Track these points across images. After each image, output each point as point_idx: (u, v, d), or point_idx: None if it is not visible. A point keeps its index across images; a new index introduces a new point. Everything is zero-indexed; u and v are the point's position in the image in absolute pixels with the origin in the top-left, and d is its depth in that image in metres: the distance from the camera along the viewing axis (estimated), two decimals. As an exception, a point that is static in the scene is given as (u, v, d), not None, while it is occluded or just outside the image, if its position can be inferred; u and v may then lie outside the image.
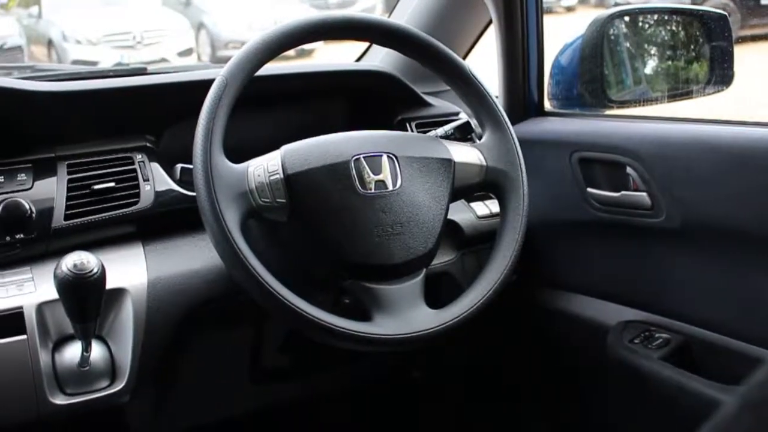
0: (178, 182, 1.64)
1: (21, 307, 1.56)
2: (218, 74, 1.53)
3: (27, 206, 1.60)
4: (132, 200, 1.70)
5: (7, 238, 1.60)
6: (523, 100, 2.06)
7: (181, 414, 1.94)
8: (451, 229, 1.89)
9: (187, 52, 10.11)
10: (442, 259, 1.87)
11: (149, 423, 1.85)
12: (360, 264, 1.53)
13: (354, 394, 2.36)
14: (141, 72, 2.06)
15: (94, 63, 8.68)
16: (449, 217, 1.64)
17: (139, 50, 9.72)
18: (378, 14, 2.21)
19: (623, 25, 2.10)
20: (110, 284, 1.47)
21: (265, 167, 1.52)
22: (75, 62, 9.13)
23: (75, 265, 1.39)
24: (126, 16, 10.16)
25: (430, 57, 1.69)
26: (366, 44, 2.34)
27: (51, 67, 2.70)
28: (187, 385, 1.88)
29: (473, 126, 1.81)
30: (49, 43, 10.15)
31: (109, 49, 9.71)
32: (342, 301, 1.65)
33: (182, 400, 1.90)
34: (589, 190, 1.86)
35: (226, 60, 1.62)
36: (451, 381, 2.43)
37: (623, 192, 1.79)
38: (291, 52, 1.62)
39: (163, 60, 9.28)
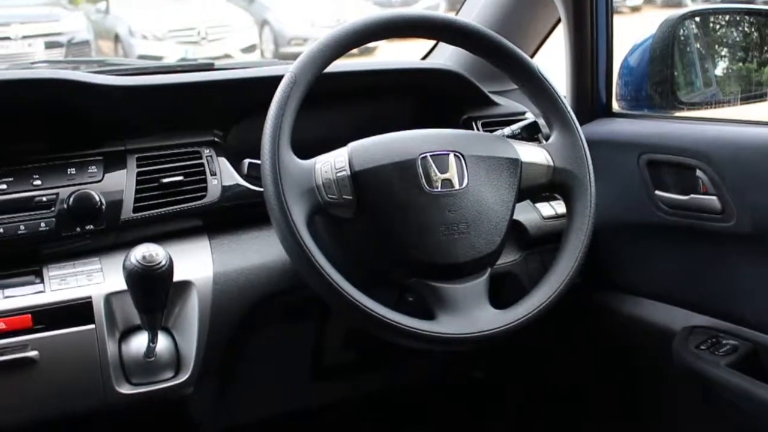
0: (245, 177, 1.65)
1: (90, 297, 1.59)
2: (287, 71, 1.54)
3: (97, 198, 1.63)
4: (199, 194, 1.72)
5: (78, 229, 1.62)
6: (591, 100, 2.03)
7: (242, 407, 1.96)
8: (515, 229, 1.88)
9: (250, 49, 10.18)
10: (506, 259, 1.86)
11: (211, 415, 1.87)
12: (425, 262, 1.52)
13: (413, 392, 2.35)
14: (208, 68, 2.08)
15: (159, 58, 8.77)
16: (514, 217, 1.63)
17: (204, 46, 9.82)
18: (442, 12, 2.21)
19: (694, 26, 2.06)
20: (177, 277, 1.49)
21: (332, 164, 1.52)
22: (140, 57, 9.23)
23: (144, 257, 1.41)
24: (191, 12, 10.27)
25: (500, 56, 1.68)
26: (432, 42, 2.33)
27: (121, 61, 2.74)
28: (249, 379, 1.89)
29: (540, 126, 1.80)
30: (116, 38, 10.30)
31: (174, 44, 9.82)
32: (405, 299, 1.64)
33: (243, 393, 1.92)
34: (657, 192, 1.83)
35: (289, 57, 1.63)
36: (511, 381, 2.42)
37: (692, 195, 1.76)
38: (354, 50, 1.62)
39: (227, 56, 9.35)
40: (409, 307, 1.55)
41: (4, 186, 1.61)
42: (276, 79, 1.54)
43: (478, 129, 1.99)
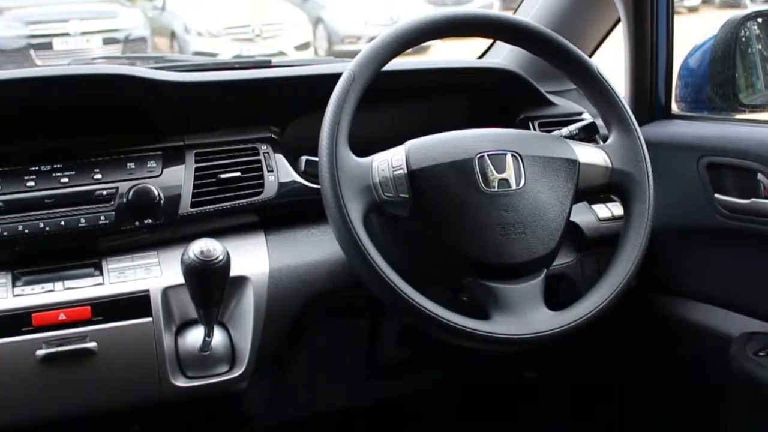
0: (302, 174, 1.66)
1: (147, 291, 1.61)
2: (345, 68, 1.54)
3: (156, 192, 1.65)
4: (256, 190, 1.73)
5: (136, 223, 1.65)
6: (649, 101, 2.01)
7: (294, 403, 1.97)
8: (571, 230, 1.86)
9: (304, 46, 10.24)
10: (562, 260, 1.85)
11: (263, 410, 1.88)
12: (480, 262, 1.52)
13: (463, 391, 2.35)
14: (266, 65, 2.10)
15: (214, 55, 8.85)
16: (570, 218, 1.62)
17: (258, 43, 9.89)
18: (497, 11, 2.21)
19: (756, 27, 2.03)
20: (233, 272, 1.51)
21: (389, 162, 1.52)
22: (196, 54, 9.34)
23: (202, 252, 1.42)
24: (246, 10, 10.34)
25: (558, 55, 1.67)
26: (488, 41, 2.33)
27: (179, 57, 2.78)
28: (302, 375, 1.90)
29: (598, 127, 1.78)
30: (172, 35, 10.42)
31: (229, 41, 9.90)
32: (460, 298, 1.64)
33: (296, 389, 1.93)
34: (717, 196, 1.81)
35: (342, 54, 1.64)
36: (562, 382, 2.40)
37: (753, 199, 1.73)
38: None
39: (281, 53, 9.39)
40: (463, 307, 1.55)
41: (66, 179, 1.64)
42: (334, 77, 1.55)
43: (534, 129, 1.97)
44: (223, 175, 1.71)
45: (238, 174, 1.72)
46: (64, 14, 9.75)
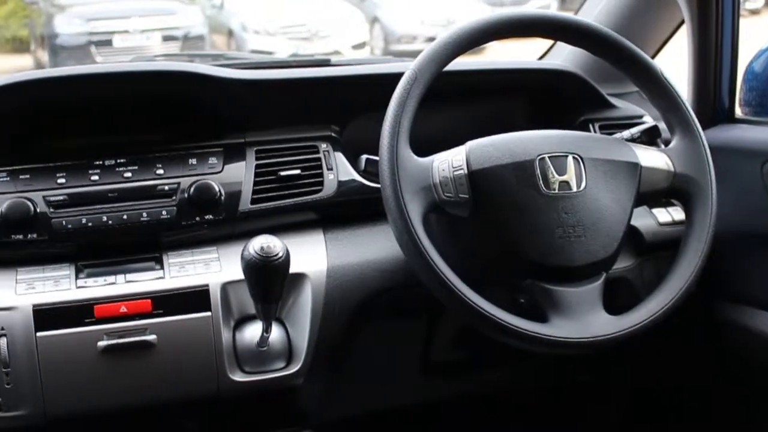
0: (362, 173, 1.67)
1: (207, 285, 1.62)
2: (406, 68, 1.55)
3: (217, 189, 1.67)
4: (316, 188, 1.74)
5: (197, 218, 1.67)
6: (713, 105, 1.98)
7: (349, 400, 1.97)
8: (631, 234, 1.85)
9: (360, 46, 10.26)
10: (621, 264, 1.83)
11: (318, 406, 1.89)
12: (539, 264, 1.51)
13: (517, 393, 2.34)
14: (325, 63, 2.11)
15: (271, 53, 8.93)
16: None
17: (314, 42, 9.94)
18: (554, 12, 2.20)
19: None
20: (292, 269, 1.51)
21: (449, 162, 1.53)
22: (253, 52, 9.39)
23: (262, 248, 1.44)
24: (303, 9, 10.40)
25: (621, 57, 1.65)
26: (547, 42, 2.31)
27: (239, 55, 2.80)
28: (358, 373, 1.91)
29: (661, 130, 1.76)
30: (229, 33, 10.52)
31: (285, 39, 9.96)
32: (517, 300, 1.63)
33: (351, 386, 1.93)
34: None
35: (399, 54, 1.64)
36: (617, 388, 2.38)
37: (818, 206, 1.71)
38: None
39: (337, 53, 9.42)
40: (521, 309, 1.54)
41: (129, 174, 1.67)
42: (395, 76, 1.56)
43: (595, 131, 1.96)
44: (283, 173, 1.73)
45: (298, 172, 1.74)
46: (124, 11, 9.89)
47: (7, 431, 1.61)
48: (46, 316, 1.56)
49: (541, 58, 2.35)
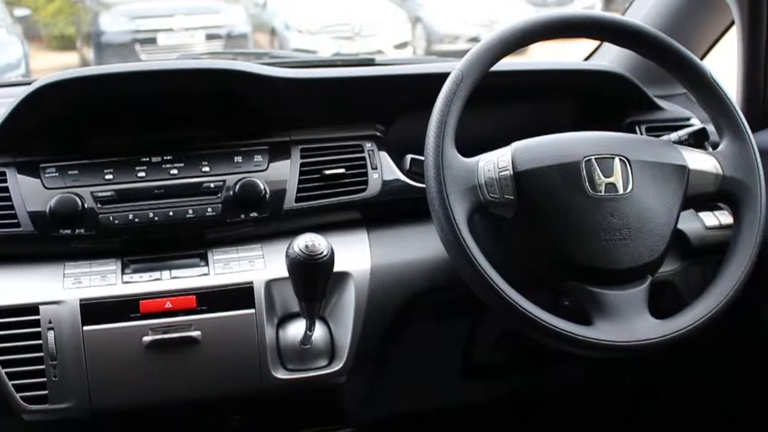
0: (407, 172, 1.66)
1: (251, 283, 1.64)
2: (452, 68, 1.54)
3: (262, 186, 1.68)
4: (360, 187, 1.75)
5: (242, 216, 1.68)
6: (762, 107, 1.95)
7: (390, 400, 1.98)
8: (677, 238, 1.83)
9: (402, 45, 10.26)
10: (666, 268, 1.81)
11: (359, 405, 1.90)
12: (585, 266, 1.50)
13: (559, 396, 2.33)
14: (370, 62, 2.12)
15: (313, 52, 8.95)
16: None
17: (357, 41, 9.95)
18: (599, 12, 2.17)
19: None
20: (335, 267, 1.51)
21: (495, 163, 1.52)
22: (295, 50, 9.43)
23: (307, 246, 1.44)
24: (346, 8, 10.42)
25: (670, 59, 1.64)
26: (592, 42, 2.30)
27: (284, 54, 2.82)
28: (399, 372, 1.91)
29: (709, 133, 1.74)
30: (272, 32, 10.57)
31: (328, 38, 9.99)
32: (561, 302, 1.62)
33: (393, 386, 1.94)
34: None
35: (441, 54, 1.63)
36: (662, 392, 2.36)
37: None
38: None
39: (379, 52, 9.42)
40: (565, 311, 1.54)
41: (175, 171, 1.68)
42: (440, 76, 1.56)
43: (641, 133, 1.94)
44: (327, 171, 1.73)
45: (342, 171, 1.74)
46: (168, 10, 9.99)
47: (54, 423, 1.63)
48: (93, 310, 1.58)
49: (586, 58, 2.34)
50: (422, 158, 1.52)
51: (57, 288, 1.61)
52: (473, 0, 10.99)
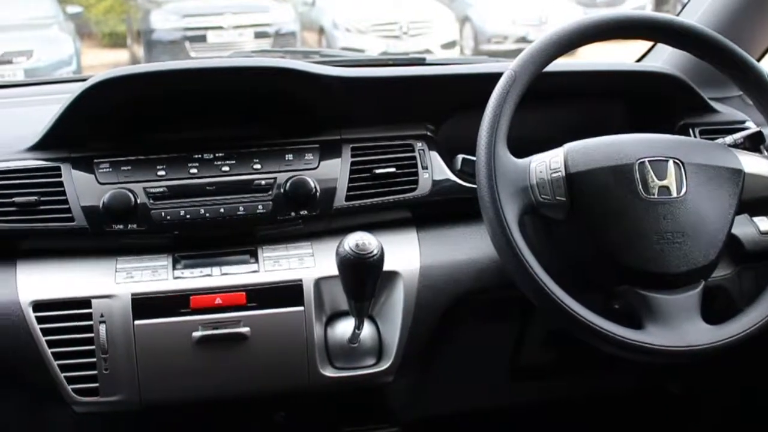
0: (458, 172, 1.66)
1: (301, 280, 1.64)
2: (504, 68, 1.54)
3: (312, 184, 1.68)
4: (410, 186, 1.74)
5: (292, 214, 1.68)
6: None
7: (437, 400, 1.98)
8: (730, 242, 1.80)
9: (450, 45, 10.23)
10: (719, 272, 1.79)
11: (406, 405, 1.90)
12: (636, 270, 1.49)
13: (606, 399, 2.31)
14: (420, 62, 2.11)
15: (361, 51, 8.95)
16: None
17: (405, 41, 9.94)
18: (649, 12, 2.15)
19: None
20: (385, 266, 1.51)
21: (547, 164, 1.51)
22: (343, 49, 9.45)
23: (357, 245, 1.44)
24: (394, 7, 10.42)
25: (726, 60, 1.62)
26: (643, 43, 2.27)
27: (334, 53, 2.83)
28: (446, 373, 1.91)
29: (766, 136, 1.72)
30: (320, 30, 10.60)
31: (376, 38, 10.00)
32: (611, 305, 1.61)
33: (439, 386, 1.93)
34: None
35: (489, 54, 1.62)
36: (709, 399, 2.33)
37: None
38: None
39: (427, 51, 9.40)
40: (615, 314, 1.52)
41: (227, 168, 1.69)
42: (492, 76, 1.55)
43: (695, 136, 1.92)
44: (378, 170, 1.73)
45: (393, 170, 1.74)
46: (218, 8, 10.07)
47: (104, 415, 1.65)
48: (144, 305, 1.60)
49: (639, 59, 2.31)
50: (473, 158, 1.52)
51: (109, 282, 1.62)
52: (522, 0, 10.94)
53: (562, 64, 1.74)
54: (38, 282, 1.63)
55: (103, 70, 1.69)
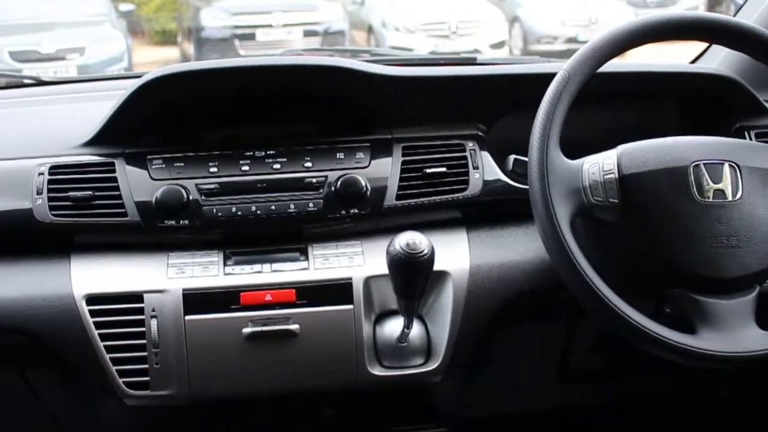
0: (509, 173, 1.66)
1: (350, 279, 1.64)
2: (557, 68, 1.53)
3: (363, 183, 1.68)
4: (461, 186, 1.73)
5: (343, 212, 1.69)
6: None
7: (484, 401, 1.97)
8: None
9: (499, 45, 10.20)
10: None
11: (453, 406, 1.89)
12: (690, 274, 1.47)
13: (657, 404, 2.28)
14: (471, 62, 2.10)
15: (410, 50, 8.95)
16: None
17: (453, 40, 9.93)
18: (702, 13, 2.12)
19: None
20: (434, 266, 1.51)
21: (600, 165, 1.50)
22: (392, 48, 9.45)
23: (408, 245, 1.43)
24: (443, 6, 10.40)
25: None
26: (703, 45, 2.24)
27: (385, 52, 2.83)
28: (494, 374, 1.90)
29: None
30: (369, 29, 10.62)
31: (424, 37, 10.00)
32: (663, 309, 1.59)
33: (487, 387, 1.93)
34: None
35: (538, 54, 1.61)
36: (759, 406, 2.30)
37: None
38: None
39: (476, 51, 9.39)
40: (666, 318, 1.51)
41: (278, 166, 1.70)
42: (545, 76, 1.54)
43: (751, 139, 1.89)
44: (429, 170, 1.72)
45: (444, 169, 1.73)
46: (267, 6, 10.13)
47: (154, 409, 1.67)
48: (195, 300, 1.61)
49: (694, 61, 2.28)
50: (525, 159, 1.51)
51: (161, 277, 1.64)
52: (572, 0, 10.87)
53: (615, 65, 1.73)
54: (92, 276, 1.65)
55: (154, 67, 1.70)
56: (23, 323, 1.61)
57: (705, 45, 2.23)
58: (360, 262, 1.67)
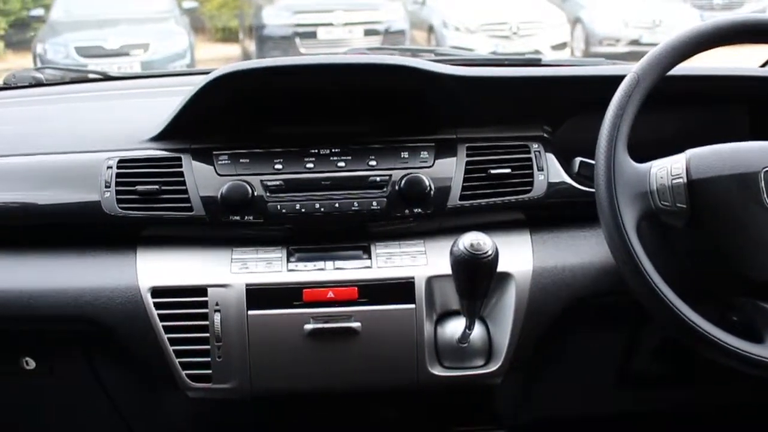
0: (575, 175, 1.64)
1: (413, 278, 1.65)
2: (625, 71, 1.52)
3: (427, 183, 1.68)
4: (525, 188, 1.73)
5: (406, 211, 1.69)
6: None
7: (545, 404, 1.95)
8: None
9: (561, 46, 10.11)
10: None
11: (511, 408, 1.88)
12: (758, 282, 1.45)
13: (719, 413, 2.25)
14: (536, 63, 2.09)
15: (470, 50, 8.92)
16: None
17: (514, 41, 9.86)
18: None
19: None
20: (498, 267, 1.50)
21: (668, 170, 1.48)
22: (452, 48, 9.42)
23: (472, 245, 1.43)
24: (504, 7, 10.35)
25: None
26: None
27: (449, 51, 2.80)
28: (554, 377, 1.89)
29: None
30: (430, 29, 10.60)
31: (485, 37, 9.95)
32: (728, 317, 1.56)
33: (547, 390, 1.91)
34: None
35: (599, 56, 1.59)
36: None
37: None
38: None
39: (537, 52, 9.31)
40: (733, 326, 1.48)
41: (343, 164, 1.71)
42: (613, 79, 1.53)
43: (823, 145, 1.85)
44: (493, 171, 1.72)
45: (508, 170, 1.72)
46: (329, 5, 10.16)
47: (215, 401, 1.69)
48: (258, 295, 1.63)
49: (764, 65, 2.24)
50: (592, 162, 1.50)
51: (225, 272, 1.66)
52: (635, 1, 10.74)
53: (685, 68, 1.70)
54: (157, 269, 1.68)
55: (216, 64, 1.72)
56: (91, 313, 1.65)
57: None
58: (423, 261, 1.67)
